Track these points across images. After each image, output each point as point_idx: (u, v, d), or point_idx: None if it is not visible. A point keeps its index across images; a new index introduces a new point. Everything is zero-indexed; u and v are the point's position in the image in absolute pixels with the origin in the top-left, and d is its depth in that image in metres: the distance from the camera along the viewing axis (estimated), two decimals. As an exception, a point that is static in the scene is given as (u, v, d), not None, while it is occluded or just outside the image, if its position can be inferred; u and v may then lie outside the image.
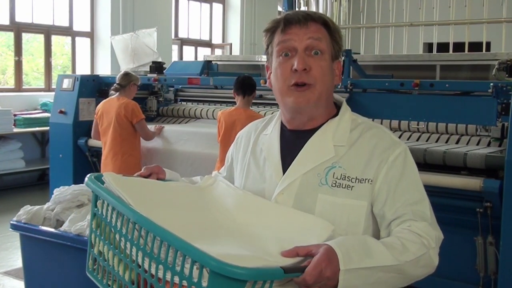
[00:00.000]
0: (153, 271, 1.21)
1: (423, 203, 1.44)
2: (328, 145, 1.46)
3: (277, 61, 1.48)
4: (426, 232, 1.38)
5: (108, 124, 4.59)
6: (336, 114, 1.53)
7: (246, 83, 4.18)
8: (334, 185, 1.42)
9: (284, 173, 1.47)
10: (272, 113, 4.58)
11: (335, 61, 1.52)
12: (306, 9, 8.05)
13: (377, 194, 1.42)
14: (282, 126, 1.56)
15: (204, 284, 1.11)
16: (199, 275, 1.12)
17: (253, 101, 4.55)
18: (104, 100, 4.76)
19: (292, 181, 1.45)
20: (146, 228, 1.23)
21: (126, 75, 4.73)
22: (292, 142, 1.51)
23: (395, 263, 1.30)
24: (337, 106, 1.57)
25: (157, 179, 1.58)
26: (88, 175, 1.47)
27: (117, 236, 1.33)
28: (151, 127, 4.84)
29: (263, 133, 1.60)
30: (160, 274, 1.20)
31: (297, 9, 7.62)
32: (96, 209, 1.43)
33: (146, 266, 1.23)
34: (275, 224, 1.36)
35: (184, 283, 1.15)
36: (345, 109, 1.55)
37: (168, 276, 1.18)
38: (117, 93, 4.67)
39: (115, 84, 4.70)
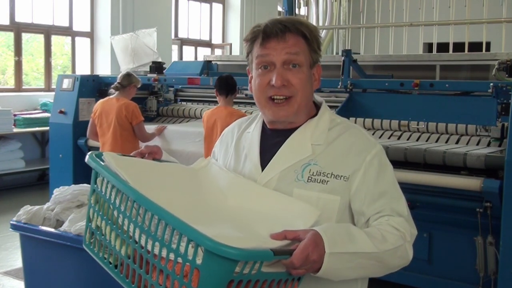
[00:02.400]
0: (149, 247, 1.27)
1: (400, 200, 1.50)
2: (306, 144, 1.52)
3: (256, 73, 1.53)
4: (403, 227, 1.45)
5: (108, 124, 4.58)
6: (316, 114, 1.58)
7: (229, 83, 4.26)
8: (309, 180, 1.48)
9: (262, 170, 1.54)
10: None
11: (314, 67, 1.56)
12: (306, 9, 8.07)
13: (355, 192, 1.48)
14: (264, 125, 1.62)
15: (199, 262, 1.18)
16: (194, 253, 1.19)
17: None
18: (102, 100, 4.75)
19: (270, 178, 1.51)
20: (144, 207, 1.28)
21: (128, 75, 4.73)
22: (272, 141, 1.57)
23: (375, 250, 1.36)
24: (318, 106, 1.62)
25: (153, 159, 1.64)
26: (88, 153, 1.52)
27: (115, 213, 1.38)
28: (152, 127, 4.84)
29: (247, 130, 1.66)
30: (156, 251, 1.26)
31: (297, 9, 7.62)
32: (95, 185, 1.49)
33: (142, 242, 1.29)
34: (265, 207, 1.44)
35: (179, 260, 1.22)
36: (324, 109, 1.60)
37: (164, 253, 1.24)
38: (116, 93, 4.66)
39: (115, 83, 4.69)
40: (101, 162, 1.47)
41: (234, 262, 1.17)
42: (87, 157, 1.51)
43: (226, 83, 4.26)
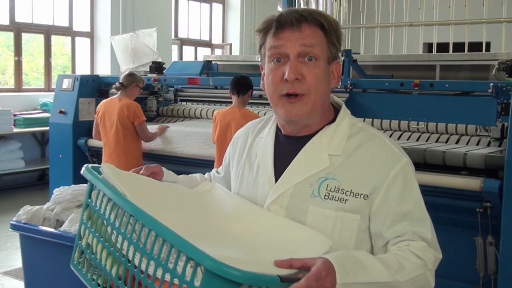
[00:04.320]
0: (143, 267, 1.18)
1: (424, 223, 1.37)
2: (322, 154, 1.38)
3: (268, 67, 1.41)
4: (425, 253, 1.32)
5: (111, 125, 4.58)
6: (334, 119, 1.44)
7: (241, 83, 4.20)
8: (326, 197, 1.35)
9: (276, 181, 1.42)
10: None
11: (333, 63, 1.43)
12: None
13: (375, 212, 1.35)
14: (277, 130, 1.50)
15: (197, 283, 1.07)
16: (192, 274, 1.08)
17: (252, 101, 4.55)
18: (105, 100, 4.75)
19: (283, 191, 1.39)
20: (142, 221, 1.19)
21: (130, 75, 4.73)
22: (286, 149, 1.45)
23: (391, 280, 1.24)
24: (336, 109, 1.48)
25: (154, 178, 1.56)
26: (85, 165, 1.44)
27: (108, 229, 1.30)
28: (155, 127, 4.84)
29: (259, 135, 1.54)
30: (151, 271, 1.16)
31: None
32: (89, 200, 1.40)
33: (136, 261, 1.20)
34: (271, 234, 1.33)
35: (175, 281, 1.12)
36: (344, 114, 1.46)
37: (159, 273, 1.14)
38: (119, 93, 4.66)
39: (117, 83, 4.69)
40: (98, 175, 1.38)
41: (237, 286, 1.06)
42: (83, 169, 1.43)
43: (237, 82, 4.20)
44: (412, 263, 1.29)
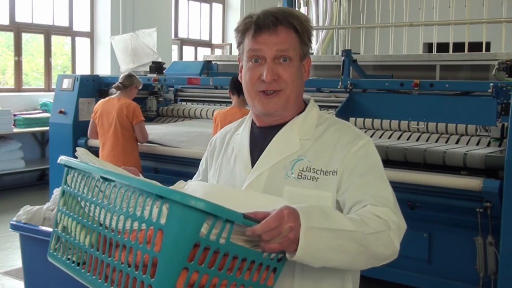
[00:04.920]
0: (113, 224, 1.23)
1: (386, 190, 1.45)
2: (294, 139, 1.51)
3: (247, 65, 1.53)
4: (387, 215, 1.37)
5: (109, 124, 4.58)
6: (304, 111, 1.58)
7: (240, 83, 4.18)
8: (300, 177, 1.47)
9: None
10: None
11: (305, 59, 1.56)
12: (306, 9, 8.06)
13: (339, 182, 1.45)
14: (252, 124, 1.62)
15: (163, 221, 1.11)
16: (158, 213, 1.12)
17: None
18: (103, 100, 4.75)
19: (259, 174, 1.50)
20: (110, 177, 1.26)
21: (130, 76, 4.74)
22: (260, 138, 1.57)
23: (354, 229, 1.28)
24: (306, 104, 1.61)
25: None
26: (61, 156, 1.55)
27: (82, 203, 1.37)
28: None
29: (236, 133, 1.67)
30: (120, 226, 1.21)
31: (296, 9, 7.61)
32: (65, 186, 1.49)
33: (107, 222, 1.25)
34: (243, 205, 1.32)
35: (143, 227, 1.15)
36: (312, 105, 1.60)
37: (128, 225, 1.19)
38: (118, 93, 4.67)
39: (117, 83, 4.70)
40: (73, 159, 1.48)
41: (200, 218, 1.09)
42: (59, 158, 1.53)
43: (236, 82, 4.18)
44: (374, 220, 1.34)
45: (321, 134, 1.52)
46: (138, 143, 4.71)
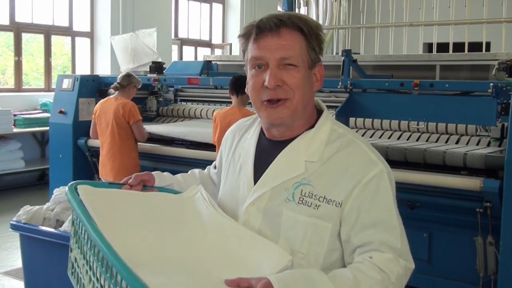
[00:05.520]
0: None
1: (393, 232, 1.34)
2: (299, 160, 1.41)
3: (250, 73, 1.44)
4: (388, 266, 1.29)
5: (106, 124, 4.58)
6: (315, 124, 1.46)
7: (239, 83, 4.18)
8: (300, 202, 1.37)
9: (255, 184, 1.45)
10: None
11: (315, 66, 1.44)
12: (306, 9, 8.05)
13: (344, 218, 1.35)
14: (261, 133, 1.53)
15: None
16: None
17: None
18: (102, 100, 4.75)
19: (260, 195, 1.42)
20: (98, 248, 1.23)
21: (128, 76, 4.73)
22: (267, 152, 1.48)
23: None
24: (320, 113, 1.50)
25: (145, 186, 1.57)
26: (70, 183, 1.45)
27: (85, 248, 1.34)
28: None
29: (245, 135, 1.59)
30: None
31: (297, 9, 7.61)
32: (74, 217, 1.44)
33: (102, 281, 1.24)
34: (237, 248, 1.36)
35: None
36: (325, 119, 1.47)
37: None
38: (116, 93, 4.67)
39: (115, 83, 4.70)
40: (77, 196, 1.41)
41: None
42: (67, 187, 1.44)
43: (235, 82, 4.18)
44: (371, 278, 1.26)
45: (330, 157, 1.40)
46: (138, 143, 4.71)
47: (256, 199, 1.43)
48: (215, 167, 1.78)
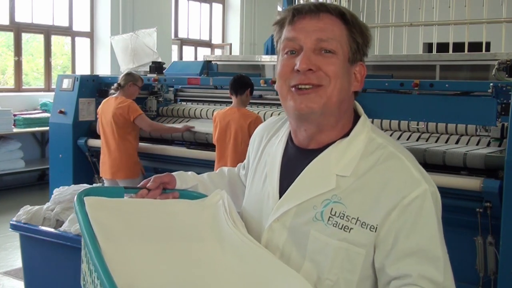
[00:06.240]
0: None
1: (436, 263, 1.16)
2: (329, 174, 1.21)
3: (281, 59, 1.25)
4: None
5: (107, 123, 4.59)
6: (350, 131, 1.26)
7: (238, 83, 4.19)
8: (330, 222, 1.19)
9: (280, 197, 1.28)
10: (272, 114, 4.59)
11: (356, 64, 1.25)
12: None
13: (380, 243, 1.17)
14: (289, 139, 1.34)
15: None
16: None
17: (253, 101, 4.55)
18: (105, 100, 4.77)
19: (285, 211, 1.25)
20: (96, 272, 1.15)
21: (127, 75, 4.74)
22: (294, 162, 1.29)
23: None
24: (357, 119, 1.29)
25: (165, 188, 1.42)
26: (79, 192, 1.34)
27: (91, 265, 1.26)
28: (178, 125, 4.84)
29: (273, 138, 1.41)
30: None
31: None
32: (82, 225, 1.34)
33: None
34: (255, 273, 1.23)
35: None
36: (362, 127, 1.26)
37: None
38: (117, 93, 4.67)
39: (115, 83, 4.71)
40: (84, 209, 1.30)
41: None
42: (75, 197, 1.31)
43: (235, 82, 4.19)
44: None
45: (366, 172, 1.19)
46: (138, 144, 4.72)
47: (281, 216, 1.26)
48: (243, 168, 1.60)
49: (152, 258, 1.24)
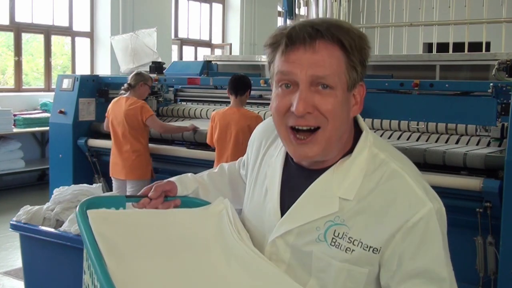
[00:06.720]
0: None
1: (441, 284, 1.16)
2: (332, 196, 1.19)
3: (275, 92, 1.19)
4: None
5: (118, 124, 4.59)
6: (352, 149, 1.23)
7: (238, 83, 4.18)
8: (333, 244, 1.18)
9: (282, 213, 1.26)
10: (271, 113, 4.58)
11: (355, 87, 1.20)
12: (306, 9, 8.05)
13: (384, 263, 1.16)
14: (288, 153, 1.29)
15: None
16: None
17: (252, 101, 4.54)
18: (114, 99, 4.75)
19: (287, 231, 1.23)
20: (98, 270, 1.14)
21: (137, 74, 4.72)
22: (295, 179, 1.27)
23: None
24: (359, 134, 1.25)
25: (167, 196, 1.40)
26: (81, 202, 1.31)
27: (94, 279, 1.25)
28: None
29: (271, 149, 1.37)
30: None
31: (297, 9, 7.61)
32: (84, 235, 1.33)
33: None
34: (260, 286, 1.22)
35: None
36: (363, 144, 1.22)
37: None
38: (128, 93, 4.66)
39: (125, 84, 4.69)
40: (86, 220, 1.28)
41: None
42: (77, 207, 1.30)
43: (234, 82, 4.19)
44: None
45: (369, 193, 1.17)
46: (147, 145, 4.72)
47: (283, 234, 1.24)
48: (242, 167, 1.56)
49: (157, 272, 1.22)
